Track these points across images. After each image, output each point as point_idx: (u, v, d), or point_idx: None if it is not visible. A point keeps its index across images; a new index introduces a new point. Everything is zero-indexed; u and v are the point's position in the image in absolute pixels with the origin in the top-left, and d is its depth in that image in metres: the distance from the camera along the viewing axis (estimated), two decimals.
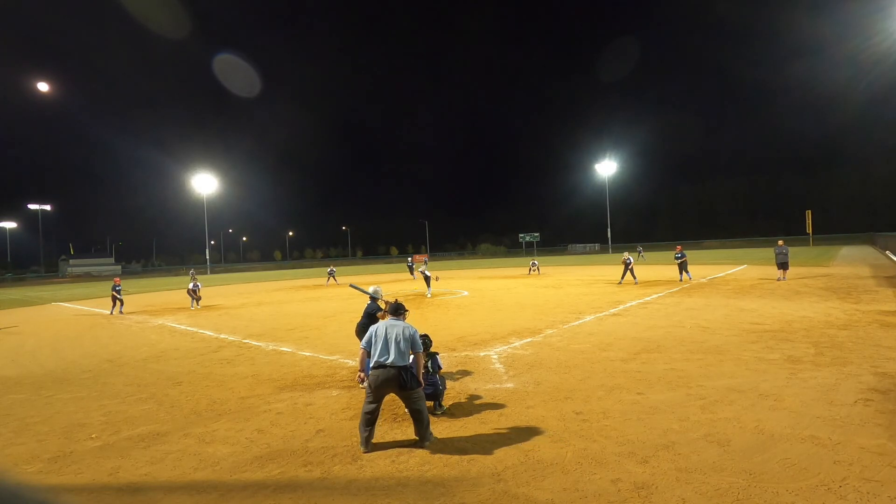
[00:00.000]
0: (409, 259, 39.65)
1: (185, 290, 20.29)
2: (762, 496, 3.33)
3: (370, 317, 6.70)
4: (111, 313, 17.86)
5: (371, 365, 4.64)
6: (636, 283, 19.67)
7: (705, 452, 4.04)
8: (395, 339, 4.59)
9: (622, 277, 20.41)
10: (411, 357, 4.66)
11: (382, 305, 6.52)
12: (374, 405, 4.54)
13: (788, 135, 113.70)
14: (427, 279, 20.25)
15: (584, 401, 5.53)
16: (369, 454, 4.37)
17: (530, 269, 31.65)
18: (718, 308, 12.09)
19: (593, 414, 5.08)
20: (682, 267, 19.89)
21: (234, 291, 28.02)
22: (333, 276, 31.32)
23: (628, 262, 20.45)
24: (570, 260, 54.56)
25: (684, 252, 20.14)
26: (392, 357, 4.53)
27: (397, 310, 4.93)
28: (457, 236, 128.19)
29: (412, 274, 33.55)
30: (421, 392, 4.63)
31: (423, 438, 4.52)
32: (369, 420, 4.53)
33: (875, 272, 19.66)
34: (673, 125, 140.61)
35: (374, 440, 4.59)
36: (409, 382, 4.52)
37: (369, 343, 4.72)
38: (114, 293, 18.11)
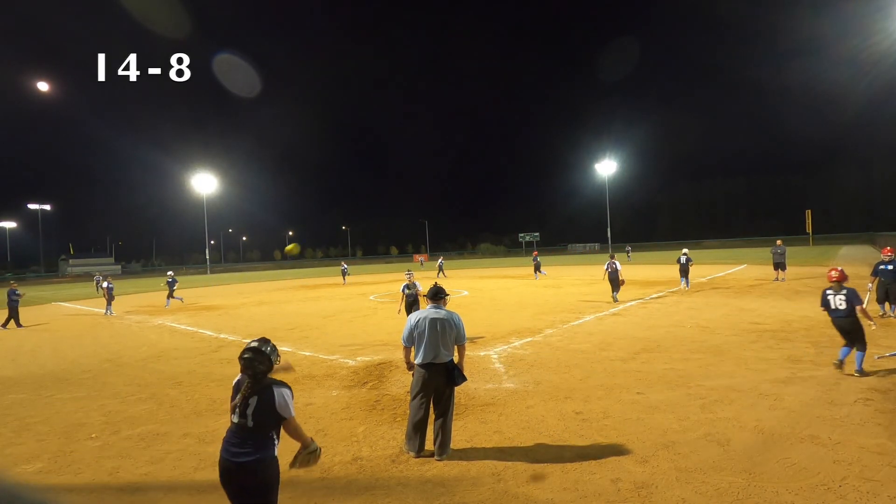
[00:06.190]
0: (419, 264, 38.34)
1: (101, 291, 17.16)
2: (762, 496, 3.33)
3: None
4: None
5: (417, 361, 4.31)
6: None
7: (705, 452, 4.05)
8: (440, 331, 4.26)
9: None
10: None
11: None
12: (424, 407, 4.26)
13: (788, 135, 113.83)
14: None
15: (583, 400, 5.54)
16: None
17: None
18: (718, 308, 12.09)
19: (593, 413, 5.09)
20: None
21: (234, 291, 28.02)
22: (344, 275, 31.28)
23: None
24: (570, 259, 54.55)
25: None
26: (440, 354, 4.26)
27: (436, 294, 4.49)
28: (457, 236, 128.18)
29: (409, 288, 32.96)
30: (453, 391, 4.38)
31: (442, 450, 4.23)
32: (421, 425, 4.26)
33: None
34: (673, 125, 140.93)
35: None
36: (457, 378, 4.29)
37: (411, 338, 4.36)
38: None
